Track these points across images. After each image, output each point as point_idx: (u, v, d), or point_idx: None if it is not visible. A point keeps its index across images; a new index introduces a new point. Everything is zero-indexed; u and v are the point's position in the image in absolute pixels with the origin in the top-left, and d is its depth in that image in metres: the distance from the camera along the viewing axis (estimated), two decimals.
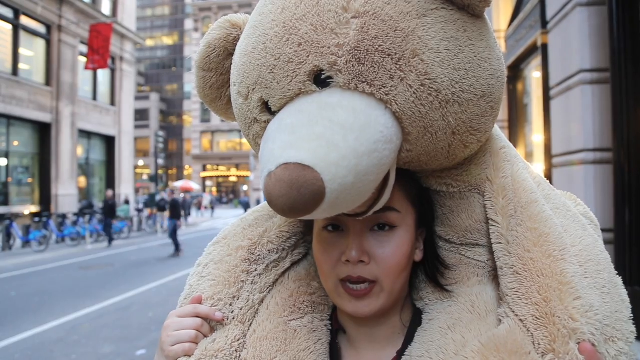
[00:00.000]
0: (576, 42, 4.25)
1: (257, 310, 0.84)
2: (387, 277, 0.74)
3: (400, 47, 0.64)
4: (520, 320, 0.68)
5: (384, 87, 0.65)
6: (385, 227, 0.75)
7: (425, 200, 0.82)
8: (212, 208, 37.83)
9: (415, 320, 0.80)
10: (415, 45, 0.64)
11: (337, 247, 0.76)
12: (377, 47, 0.64)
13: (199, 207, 37.02)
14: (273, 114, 0.71)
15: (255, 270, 0.85)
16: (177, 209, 14.13)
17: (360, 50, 0.64)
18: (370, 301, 0.74)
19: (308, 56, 0.66)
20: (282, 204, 0.58)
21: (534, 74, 7.03)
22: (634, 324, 0.71)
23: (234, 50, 0.81)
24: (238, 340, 0.80)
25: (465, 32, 0.68)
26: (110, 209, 16.06)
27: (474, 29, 0.69)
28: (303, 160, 0.57)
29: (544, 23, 5.31)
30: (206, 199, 39.04)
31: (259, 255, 0.87)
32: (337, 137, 0.60)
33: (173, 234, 13.46)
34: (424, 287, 0.83)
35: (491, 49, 0.71)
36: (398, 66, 0.64)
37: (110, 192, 17.52)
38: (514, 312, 0.69)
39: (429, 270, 0.82)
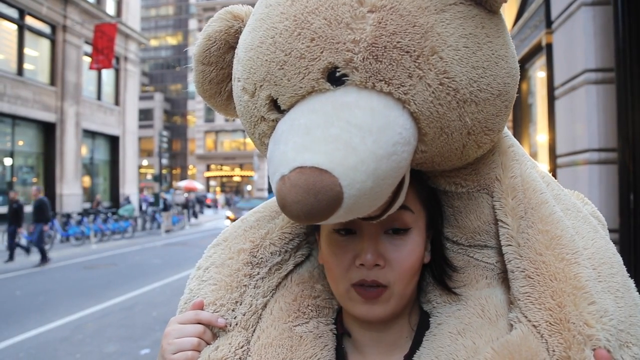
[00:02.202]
0: (581, 41, 4.22)
1: (261, 315, 0.82)
2: (400, 281, 0.72)
3: (419, 44, 0.61)
4: (534, 325, 0.66)
5: (403, 85, 0.62)
6: (399, 230, 0.73)
7: (434, 201, 0.80)
8: (229, 205, 39.69)
9: (423, 324, 0.78)
10: (434, 42, 0.62)
11: (349, 250, 0.73)
12: (395, 43, 0.61)
13: (216, 205, 38.66)
14: (282, 112, 0.68)
15: (258, 273, 0.83)
16: (45, 212, 11.72)
17: (378, 47, 0.61)
18: (382, 305, 0.72)
19: (322, 52, 0.62)
20: (297, 210, 0.55)
21: (538, 74, 6.99)
22: None
23: (236, 43, 0.78)
24: (242, 348, 0.78)
25: (484, 28, 0.65)
26: (14, 214, 11.76)
27: (491, 26, 0.66)
28: (320, 164, 0.55)
29: (549, 23, 5.28)
30: (221, 198, 41.55)
31: (261, 258, 0.84)
32: (355, 139, 0.57)
33: (39, 240, 11.37)
34: (431, 290, 0.81)
35: (507, 46, 0.69)
36: (417, 64, 0.61)
37: (12, 193, 12.74)
38: (526, 317, 0.68)
39: (437, 272, 0.80)
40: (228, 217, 19.39)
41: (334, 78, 0.63)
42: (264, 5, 0.71)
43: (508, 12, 8.41)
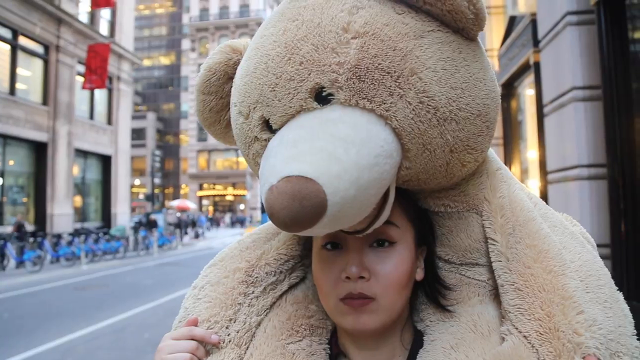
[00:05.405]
0: (568, 60, 4.32)
1: (254, 333, 0.83)
2: (387, 293, 0.73)
3: (399, 65, 0.66)
4: (524, 336, 0.68)
5: (384, 103, 0.66)
6: (384, 243, 0.75)
7: (424, 219, 0.82)
8: (233, 223, 40.81)
9: (417, 342, 0.79)
10: (414, 64, 0.66)
11: (336, 264, 0.75)
12: (376, 65, 0.65)
13: (218, 223, 39.64)
14: (274, 132, 0.72)
15: (253, 292, 0.84)
16: None
17: (361, 68, 0.65)
18: (370, 315, 0.73)
19: (309, 74, 0.67)
20: (283, 216, 0.58)
21: (527, 92, 7.12)
22: (638, 339, 0.71)
23: (234, 74, 0.82)
24: None
25: (461, 53, 0.69)
26: None
27: (468, 51, 0.71)
28: (305, 172, 0.58)
29: (536, 42, 5.40)
30: (227, 217, 43.51)
31: (256, 277, 0.85)
32: (339, 150, 0.61)
33: None
34: (424, 309, 0.82)
35: (485, 70, 0.73)
36: (397, 83, 0.66)
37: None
38: (517, 328, 0.69)
39: (430, 291, 0.81)
40: None
41: (321, 97, 0.68)
42: (259, 36, 0.77)
43: (496, 31, 8.59)
